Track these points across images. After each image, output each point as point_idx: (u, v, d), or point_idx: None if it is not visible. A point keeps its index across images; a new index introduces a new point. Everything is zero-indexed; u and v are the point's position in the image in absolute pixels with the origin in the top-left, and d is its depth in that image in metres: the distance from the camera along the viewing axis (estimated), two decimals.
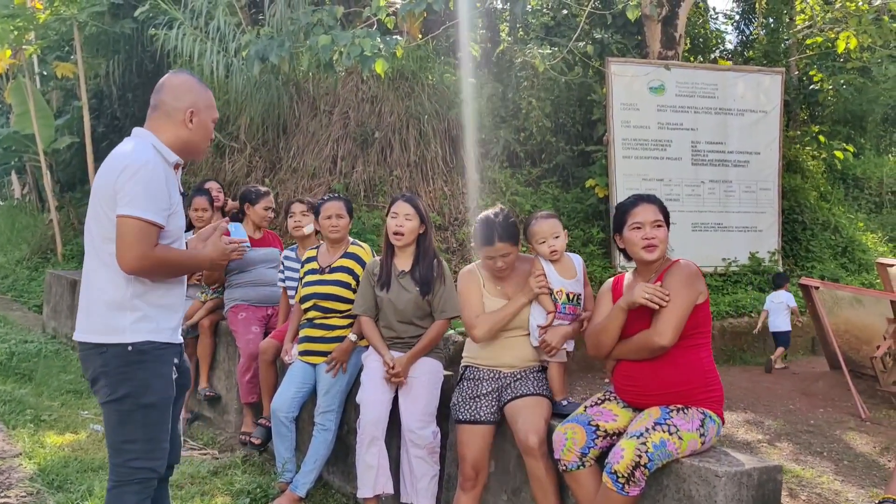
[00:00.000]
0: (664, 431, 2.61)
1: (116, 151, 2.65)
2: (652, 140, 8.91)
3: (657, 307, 2.73)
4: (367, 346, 3.83)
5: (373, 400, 3.58)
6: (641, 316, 2.82)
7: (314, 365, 3.96)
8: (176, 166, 2.72)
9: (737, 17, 14.44)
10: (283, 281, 4.52)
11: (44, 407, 5.24)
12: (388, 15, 7.59)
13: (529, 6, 9.23)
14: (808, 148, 10.91)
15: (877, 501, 2.29)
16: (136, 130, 2.74)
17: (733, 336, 7.85)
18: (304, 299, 4.01)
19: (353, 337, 3.86)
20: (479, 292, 3.30)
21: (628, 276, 3.06)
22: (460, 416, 3.23)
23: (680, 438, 2.62)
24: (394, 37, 7.71)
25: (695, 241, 8.82)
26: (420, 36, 10.21)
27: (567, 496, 2.96)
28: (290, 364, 4.06)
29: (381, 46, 7.42)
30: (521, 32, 10.23)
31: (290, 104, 9.56)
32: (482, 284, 3.32)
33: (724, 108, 9.02)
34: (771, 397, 6.16)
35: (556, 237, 3.25)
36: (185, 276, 2.84)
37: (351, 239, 4.11)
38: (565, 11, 9.45)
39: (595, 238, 9.05)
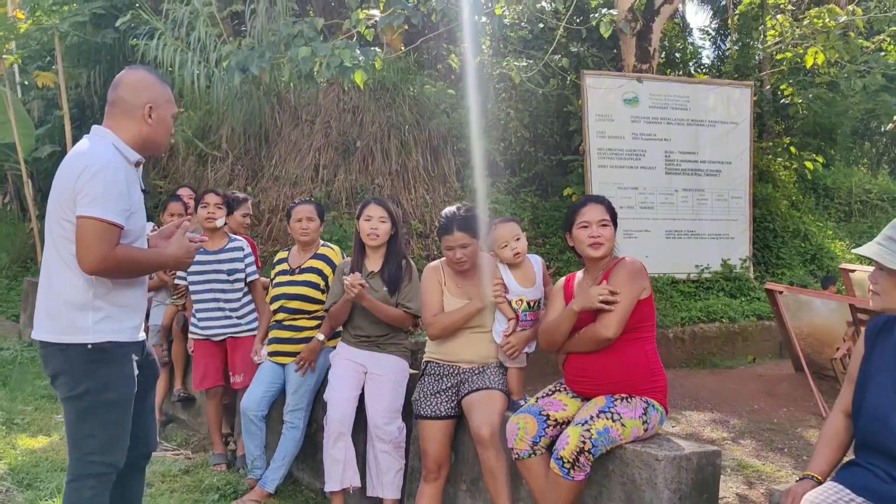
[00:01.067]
0: (608, 419, 2.75)
1: (75, 151, 2.65)
2: (626, 150, 9.11)
3: (611, 308, 2.87)
4: (334, 347, 3.95)
5: (340, 397, 3.70)
6: (589, 311, 2.96)
7: (283, 365, 4.08)
8: (137, 164, 2.74)
9: (713, 33, 14.82)
10: (184, 278, 4.58)
11: (17, 411, 5.31)
12: (367, 27, 7.74)
13: (507, 20, 9.41)
14: (779, 159, 11.15)
15: (798, 478, 2.43)
16: (94, 128, 2.73)
17: (703, 340, 8.03)
18: (273, 300, 4.13)
19: (320, 337, 3.98)
20: (440, 291, 3.44)
21: (579, 275, 3.20)
22: (421, 412, 3.36)
23: (623, 425, 2.77)
24: (373, 48, 7.86)
25: (669, 247, 9.01)
26: (402, 48, 10.37)
27: (520, 485, 3.09)
28: (259, 364, 4.18)
29: (361, 58, 7.56)
30: (500, 45, 10.41)
31: (271, 114, 9.69)
32: (443, 283, 3.45)
33: (696, 120, 9.23)
34: (737, 398, 6.33)
35: (517, 239, 3.38)
36: (146, 276, 2.88)
37: (321, 241, 4.24)
38: (542, 25, 9.63)
39: None
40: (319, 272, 4.10)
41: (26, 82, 12.61)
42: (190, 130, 9.89)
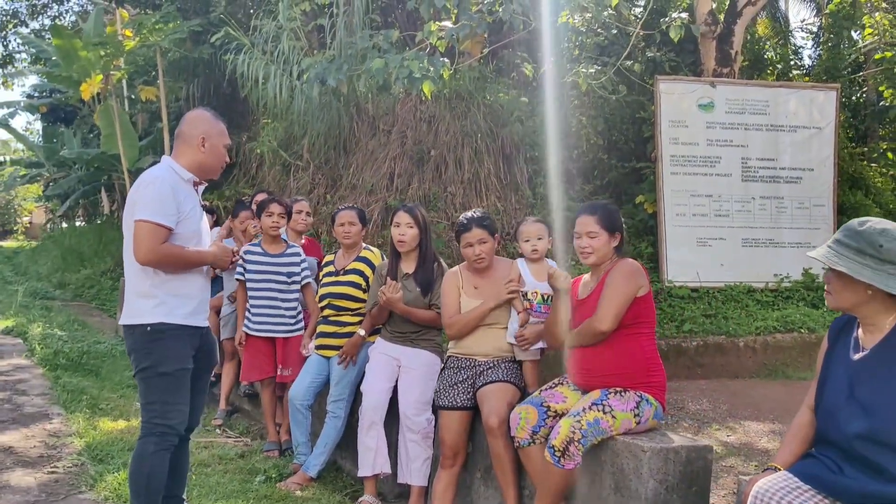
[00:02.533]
0: (599, 411, 2.87)
1: (143, 173, 3.27)
2: (701, 156, 8.98)
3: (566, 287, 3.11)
4: (374, 342, 4.19)
5: (373, 388, 3.92)
6: (590, 309, 3.07)
7: (328, 358, 4.35)
8: (195, 183, 3.30)
9: (814, 31, 14.18)
10: (242, 274, 4.85)
11: (103, 397, 5.80)
12: (439, 38, 7.97)
13: (580, 27, 9.45)
14: (874, 164, 10.69)
15: (763, 469, 2.49)
16: (162, 158, 3.35)
17: (777, 350, 7.81)
18: (321, 298, 4.42)
19: (361, 332, 4.22)
20: (457, 293, 3.67)
21: (586, 277, 3.31)
22: (439, 403, 3.56)
23: (613, 417, 2.87)
24: (442, 59, 8.09)
25: (745, 256, 8.81)
26: (480, 54, 10.58)
27: (525, 473, 3.22)
28: (307, 357, 4.46)
29: (429, 69, 7.79)
30: (576, 52, 10.46)
31: (350, 124, 10.07)
32: (461, 286, 3.66)
33: (775, 125, 9.00)
34: None
35: (540, 239, 3.57)
36: (203, 271, 3.35)
37: (364, 244, 4.49)
38: (615, 31, 9.63)
39: (644, 252, 9.15)
40: (361, 273, 4.36)
41: (132, 97, 13.60)
42: (275, 141, 10.41)
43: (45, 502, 3.64)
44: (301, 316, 4.85)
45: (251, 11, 11.14)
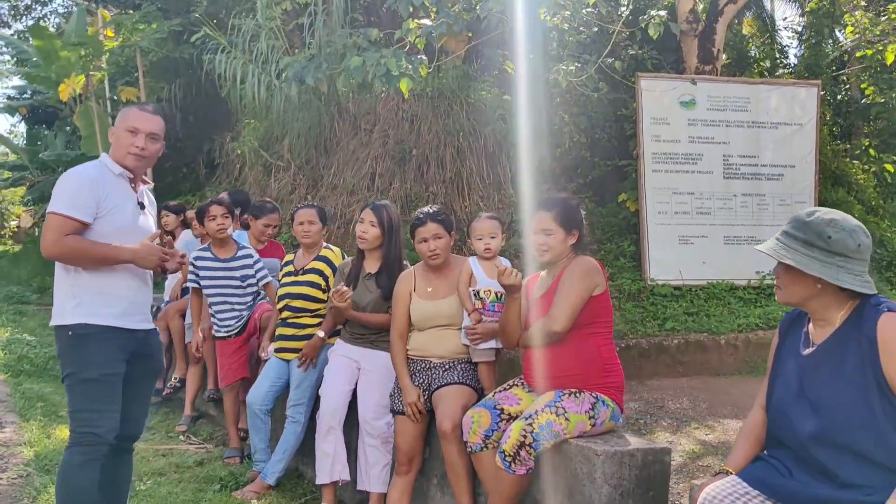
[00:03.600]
0: (552, 413, 2.77)
1: None
2: (682, 154, 8.92)
3: (514, 282, 2.99)
4: (334, 343, 4.09)
5: (332, 392, 3.83)
6: (544, 308, 2.98)
7: (287, 361, 4.25)
8: (132, 179, 3.15)
9: (798, 30, 14.17)
10: (195, 282, 4.77)
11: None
12: (417, 36, 7.88)
13: (559, 24, 9.37)
14: (856, 161, 10.64)
15: (714, 472, 2.40)
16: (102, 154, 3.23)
17: (758, 347, 7.75)
18: (279, 300, 4.32)
19: (320, 334, 4.12)
20: (407, 299, 3.58)
21: (542, 274, 3.23)
22: (394, 408, 3.46)
23: (567, 420, 2.78)
24: (419, 56, 8.00)
25: (727, 254, 8.74)
26: (464, 54, 10.49)
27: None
28: (266, 360, 4.36)
29: (407, 66, 7.70)
30: (558, 50, 10.37)
31: (331, 123, 9.98)
32: (413, 288, 3.56)
33: (757, 122, 8.94)
34: None
35: (493, 237, 3.47)
36: (133, 269, 3.12)
37: (324, 243, 4.40)
38: (595, 29, 9.55)
39: (627, 251, 9.09)
40: (321, 273, 4.26)
41: (115, 97, 13.46)
42: (256, 141, 10.31)
43: None
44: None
45: (233, 11, 11.02)
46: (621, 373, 3.01)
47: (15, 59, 16.17)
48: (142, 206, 3.20)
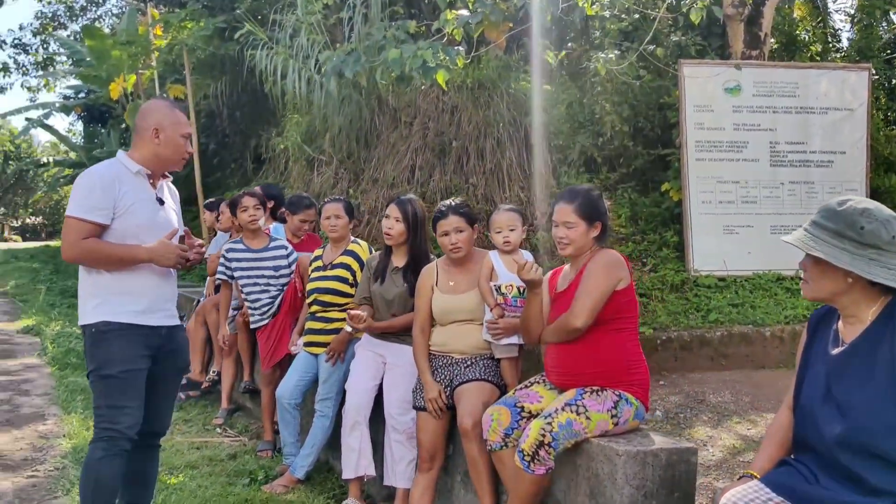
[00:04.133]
0: (572, 412, 2.73)
1: None
2: (727, 142, 8.71)
3: (535, 277, 2.93)
4: (360, 338, 4.11)
5: (357, 387, 3.85)
6: (567, 303, 2.94)
7: (316, 355, 4.29)
8: (152, 177, 3.17)
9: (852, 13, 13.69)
10: (226, 273, 4.81)
11: None
12: (454, 28, 7.85)
13: (598, 12, 9.21)
14: None
15: (738, 476, 2.33)
16: (118, 152, 3.24)
17: None
18: (308, 294, 4.36)
19: (348, 328, 4.14)
20: (429, 294, 3.54)
21: (566, 268, 3.18)
22: (416, 404, 3.45)
23: (588, 419, 2.73)
24: (456, 48, 7.97)
25: (774, 243, 8.48)
26: (504, 45, 10.42)
27: None
28: (296, 354, 4.41)
29: (444, 58, 7.68)
30: (597, 38, 10.22)
31: (371, 117, 10.01)
32: (435, 283, 3.54)
33: (805, 107, 8.68)
34: None
35: (512, 230, 3.43)
36: (154, 267, 3.15)
37: (352, 238, 4.42)
38: (637, 15, 9.37)
39: (669, 242, 8.92)
40: (348, 267, 4.29)
41: (164, 94, 13.75)
42: (298, 136, 10.42)
43: None
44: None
45: (275, 6, 11.13)
46: (646, 370, 2.95)
47: (71, 59, 16.64)
48: (161, 201, 3.22)
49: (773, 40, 10.28)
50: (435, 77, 7.52)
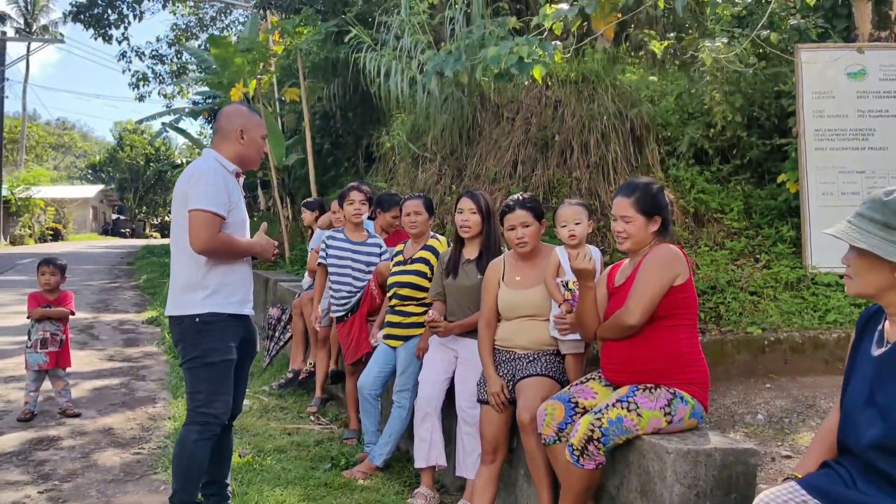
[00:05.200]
0: (623, 408, 2.66)
1: (189, 166, 3.40)
2: (850, 129, 8.16)
3: (586, 266, 2.89)
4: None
5: (428, 380, 3.91)
6: (623, 298, 2.86)
7: (395, 348, 4.38)
8: (237, 175, 3.38)
9: None
10: (325, 259, 4.93)
11: None
12: (553, 22, 7.77)
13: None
14: None
15: (782, 479, 2.20)
16: (203, 151, 3.45)
17: None
18: (388, 288, 4.46)
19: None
20: (495, 288, 3.52)
21: (624, 262, 3.10)
22: (480, 397, 3.46)
23: (639, 415, 2.66)
24: (553, 42, 7.87)
25: None
26: (612, 36, 10.24)
27: None
28: (375, 346, 4.52)
29: (541, 53, 7.62)
30: (710, 25, 9.82)
31: (473, 114, 10.06)
32: (502, 276, 3.53)
33: None
34: None
35: (578, 223, 3.38)
36: (248, 260, 3.45)
37: (431, 233, 4.48)
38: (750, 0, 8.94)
39: (786, 236, 8.46)
40: (427, 262, 4.36)
41: (282, 98, 14.36)
42: (404, 134, 10.62)
43: (121, 481, 3.94)
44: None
45: (383, 7, 11.39)
46: (705, 368, 2.83)
47: (199, 67, 17.67)
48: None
49: None
50: (532, 73, 7.48)
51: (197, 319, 3.24)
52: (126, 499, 3.78)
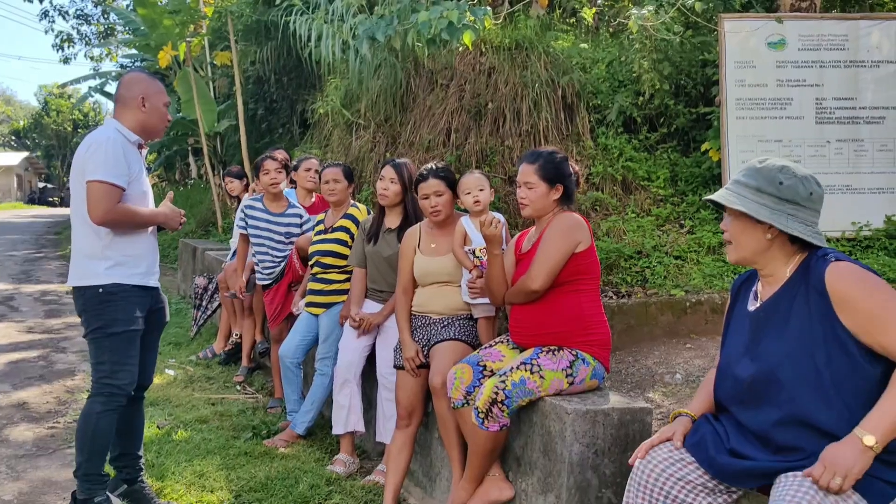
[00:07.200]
0: (527, 370, 2.75)
1: (87, 135, 3.31)
2: (770, 99, 8.38)
3: (494, 233, 2.98)
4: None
5: (348, 346, 3.95)
6: (529, 264, 2.94)
7: (316, 315, 4.40)
8: (140, 146, 3.32)
9: None
10: (244, 228, 4.94)
11: (164, 353, 6.09)
12: None
13: None
14: None
15: (672, 416, 2.34)
16: (105, 120, 3.39)
17: None
18: (310, 256, 4.46)
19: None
20: (412, 255, 3.57)
21: (531, 230, 3.17)
22: (396, 362, 3.52)
23: (542, 377, 2.75)
24: (483, 7, 7.87)
25: None
26: (546, 3, 10.25)
27: None
28: (298, 315, 4.53)
29: (471, 18, 7.61)
30: None
31: (407, 80, 10.00)
32: (417, 244, 3.58)
33: (855, 61, 8.25)
34: None
35: (481, 190, 3.45)
36: (153, 230, 3.42)
37: (352, 202, 4.48)
38: None
39: (708, 203, 8.70)
40: (347, 230, 4.37)
41: (215, 62, 14.02)
42: (337, 100, 10.50)
43: (32, 455, 3.88)
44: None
45: None
46: (607, 330, 2.94)
47: (127, 28, 17.09)
48: (149, 169, 3.40)
49: None
50: (461, 38, 7.47)
51: (100, 290, 3.21)
52: (37, 473, 3.74)
